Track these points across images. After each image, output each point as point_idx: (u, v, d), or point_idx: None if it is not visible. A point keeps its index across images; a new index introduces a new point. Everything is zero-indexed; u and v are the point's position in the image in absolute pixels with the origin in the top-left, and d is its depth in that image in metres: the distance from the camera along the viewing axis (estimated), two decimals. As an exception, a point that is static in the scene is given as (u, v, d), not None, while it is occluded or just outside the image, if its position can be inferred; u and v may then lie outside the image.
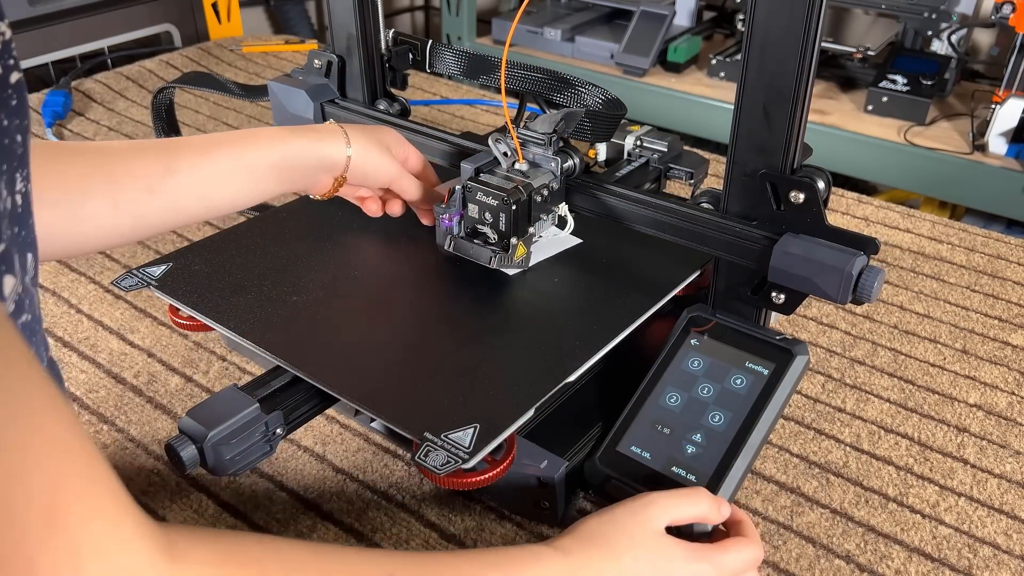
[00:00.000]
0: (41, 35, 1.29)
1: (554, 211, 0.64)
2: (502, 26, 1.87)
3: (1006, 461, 0.62)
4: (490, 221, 0.61)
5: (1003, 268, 0.85)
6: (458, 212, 0.62)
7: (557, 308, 0.60)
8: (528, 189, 0.60)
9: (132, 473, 0.59)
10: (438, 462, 0.46)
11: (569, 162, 0.63)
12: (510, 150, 0.62)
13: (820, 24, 0.49)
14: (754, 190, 0.55)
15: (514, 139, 0.62)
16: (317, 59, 0.79)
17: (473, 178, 0.61)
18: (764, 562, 0.54)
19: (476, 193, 0.61)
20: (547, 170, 0.62)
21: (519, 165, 0.62)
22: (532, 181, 0.61)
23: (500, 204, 0.60)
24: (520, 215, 0.60)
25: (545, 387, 0.52)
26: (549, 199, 0.62)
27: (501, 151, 0.62)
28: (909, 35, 1.58)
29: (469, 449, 0.47)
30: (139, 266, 0.63)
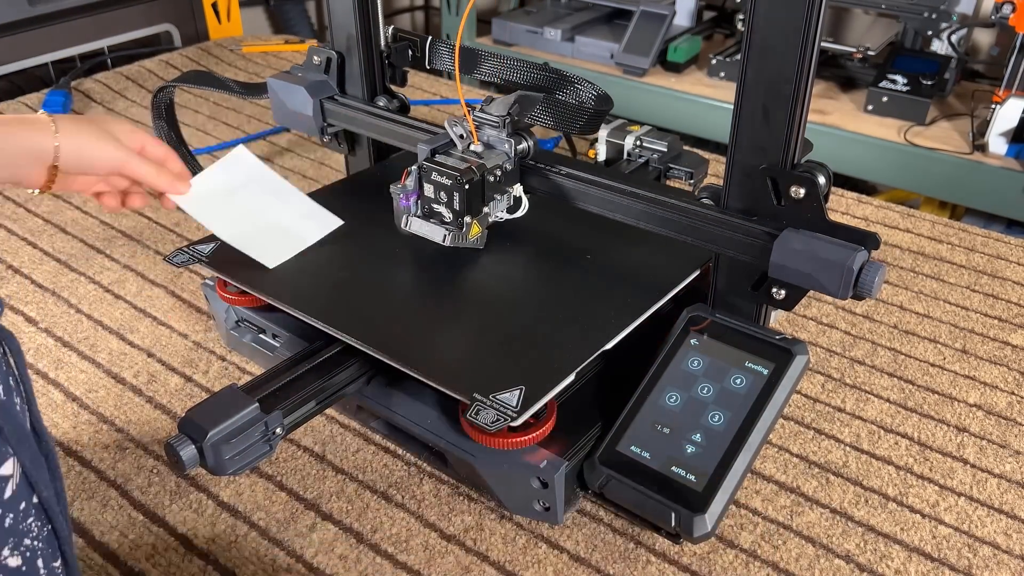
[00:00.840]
0: (41, 35, 1.29)
1: (508, 191, 0.65)
2: (502, 26, 1.87)
3: (1006, 461, 0.62)
4: (445, 200, 0.62)
5: (1003, 268, 0.85)
6: (415, 192, 0.64)
7: (591, 281, 0.63)
8: (481, 169, 0.62)
9: (132, 473, 0.59)
10: (488, 420, 0.50)
11: (523, 144, 0.65)
12: (465, 132, 0.64)
13: (820, 24, 0.49)
14: (754, 186, 0.55)
15: (469, 122, 0.64)
16: (316, 56, 0.79)
17: (429, 159, 0.63)
18: (764, 561, 0.54)
19: (431, 173, 0.62)
20: (501, 152, 0.64)
21: (474, 147, 0.64)
22: (485, 162, 0.62)
23: (454, 184, 0.61)
24: (473, 195, 0.62)
25: (584, 354, 0.55)
26: (503, 180, 0.64)
27: (457, 133, 0.64)
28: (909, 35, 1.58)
29: (516, 408, 0.50)
30: (189, 243, 0.66)
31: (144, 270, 0.82)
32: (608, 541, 0.55)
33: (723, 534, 0.55)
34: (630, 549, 0.54)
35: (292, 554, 0.54)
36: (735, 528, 0.56)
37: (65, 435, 0.63)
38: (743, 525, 0.56)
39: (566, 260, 0.66)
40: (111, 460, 0.60)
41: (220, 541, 0.55)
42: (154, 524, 0.56)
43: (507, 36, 1.87)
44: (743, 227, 0.56)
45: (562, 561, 0.54)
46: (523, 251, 0.67)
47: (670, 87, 1.64)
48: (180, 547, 0.54)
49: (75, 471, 0.59)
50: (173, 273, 0.81)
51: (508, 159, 0.64)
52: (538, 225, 0.69)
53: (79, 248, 0.86)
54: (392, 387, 0.59)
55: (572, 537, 0.55)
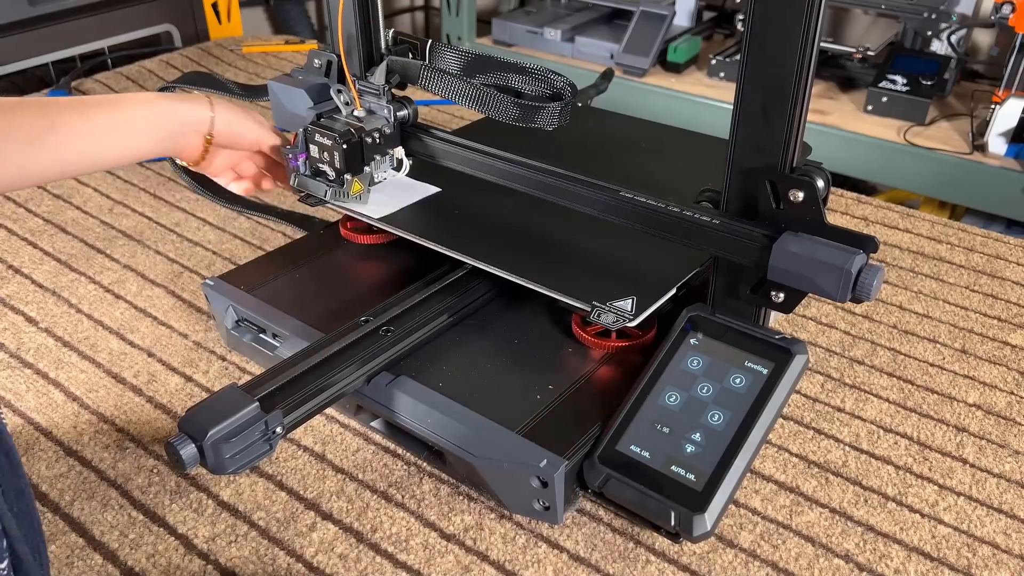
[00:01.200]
0: (41, 35, 1.29)
1: (390, 153, 0.72)
2: (502, 26, 1.87)
3: (1005, 461, 0.62)
4: (328, 160, 0.69)
5: (1002, 268, 0.85)
6: (303, 152, 0.70)
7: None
8: (360, 132, 0.68)
9: (132, 472, 0.59)
10: (609, 320, 0.58)
11: (403, 111, 0.72)
12: (349, 99, 0.71)
13: (820, 24, 0.49)
14: (753, 189, 0.55)
15: (352, 89, 0.71)
16: (317, 59, 0.79)
17: (314, 122, 0.69)
18: (763, 561, 0.54)
19: (315, 135, 0.69)
20: (381, 116, 0.71)
21: (357, 112, 0.71)
22: (365, 125, 0.69)
23: (334, 144, 0.67)
24: (352, 154, 0.68)
25: (682, 271, 0.62)
26: (382, 142, 0.70)
27: (342, 100, 0.70)
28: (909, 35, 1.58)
29: (632, 312, 0.58)
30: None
31: (144, 270, 0.82)
32: (608, 540, 0.55)
33: (723, 533, 0.56)
34: (630, 548, 0.54)
35: (292, 553, 0.54)
36: (735, 527, 0.56)
37: (65, 435, 0.63)
38: (743, 524, 0.56)
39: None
40: (111, 460, 0.61)
41: (220, 541, 0.55)
42: (154, 524, 0.56)
43: (507, 36, 1.87)
44: (742, 230, 0.56)
45: (562, 560, 0.54)
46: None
47: (670, 87, 1.64)
48: (180, 547, 0.54)
49: (75, 471, 0.60)
50: (173, 273, 0.82)
51: (387, 123, 0.71)
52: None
53: (79, 248, 0.86)
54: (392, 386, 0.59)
55: (572, 536, 0.55)
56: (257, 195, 0.97)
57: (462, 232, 0.69)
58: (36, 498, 0.57)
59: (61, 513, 0.56)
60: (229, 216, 0.92)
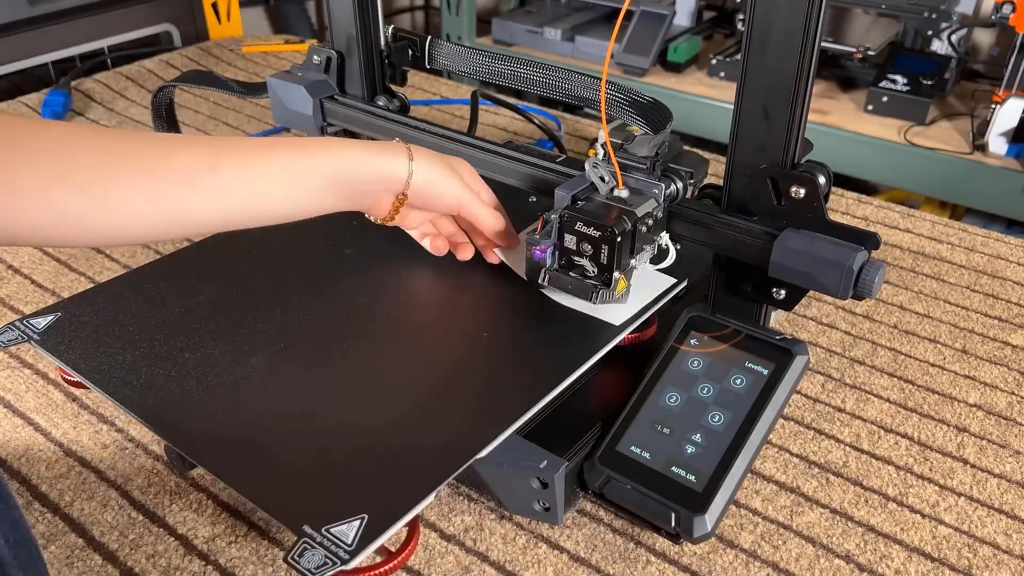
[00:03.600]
0: (41, 35, 1.29)
1: (655, 240, 0.59)
2: (502, 26, 1.87)
3: (1006, 461, 0.62)
4: (589, 253, 0.56)
5: (1003, 268, 0.85)
6: (552, 243, 0.57)
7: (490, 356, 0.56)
8: (632, 219, 0.55)
9: (132, 473, 0.59)
10: (312, 564, 0.40)
11: (672, 187, 0.58)
12: (608, 175, 0.57)
13: (820, 24, 0.49)
14: (754, 186, 0.55)
15: (614, 163, 0.57)
16: (316, 55, 0.79)
17: (571, 206, 0.57)
18: (764, 561, 0.54)
19: (575, 223, 0.55)
20: (649, 197, 0.57)
21: (618, 191, 0.57)
22: (635, 209, 0.55)
23: (603, 235, 0.54)
24: (624, 247, 0.55)
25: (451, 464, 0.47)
26: (653, 228, 0.58)
27: (598, 175, 0.57)
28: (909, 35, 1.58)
29: (351, 547, 0.41)
30: (23, 317, 0.58)
31: (144, 270, 0.82)
32: (608, 541, 0.55)
33: (723, 534, 0.55)
34: (630, 549, 0.54)
35: (292, 554, 0.54)
36: (735, 528, 0.56)
37: (65, 435, 0.63)
38: (743, 525, 0.56)
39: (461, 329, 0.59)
40: (111, 460, 0.60)
41: (220, 541, 0.54)
42: (154, 524, 0.56)
43: (507, 36, 1.87)
44: (743, 227, 0.56)
45: (562, 561, 0.54)
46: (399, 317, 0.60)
47: (670, 87, 1.64)
48: (180, 547, 0.54)
49: (75, 471, 0.59)
50: (173, 273, 0.81)
51: (658, 206, 0.57)
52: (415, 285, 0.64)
53: (79, 248, 0.85)
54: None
55: (572, 537, 0.55)
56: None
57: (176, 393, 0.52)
58: (36, 499, 0.57)
59: (61, 513, 0.56)
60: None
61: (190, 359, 0.55)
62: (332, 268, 0.66)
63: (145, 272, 0.65)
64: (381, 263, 0.66)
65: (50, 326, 0.57)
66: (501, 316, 0.61)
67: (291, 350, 0.57)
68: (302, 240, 0.70)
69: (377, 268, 0.66)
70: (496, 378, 0.54)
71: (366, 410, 0.51)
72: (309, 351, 0.57)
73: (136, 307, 0.60)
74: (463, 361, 0.56)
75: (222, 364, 0.55)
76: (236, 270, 0.65)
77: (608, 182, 0.57)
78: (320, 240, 0.69)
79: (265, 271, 0.65)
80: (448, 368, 0.55)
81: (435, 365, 0.56)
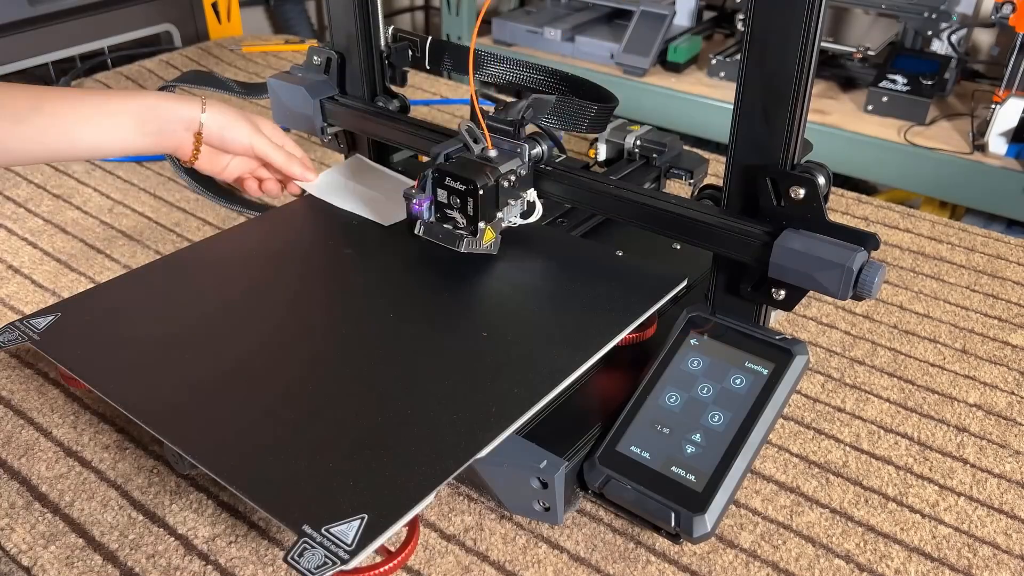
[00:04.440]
0: (41, 35, 1.29)
1: (522, 196, 0.65)
2: (502, 26, 1.87)
3: (1006, 461, 0.62)
4: (458, 206, 0.62)
5: (1003, 268, 0.85)
6: (428, 197, 0.63)
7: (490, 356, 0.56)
8: (495, 174, 0.61)
9: (132, 473, 0.59)
10: (312, 564, 0.40)
11: (537, 149, 0.64)
12: (479, 137, 0.63)
13: (820, 24, 0.49)
14: (754, 186, 0.55)
15: (482, 126, 0.63)
16: (316, 56, 0.79)
17: (442, 164, 0.62)
18: (764, 561, 0.54)
19: (445, 179, 0.61)
20: (515, 157, 0.63)
21: (488, 152, 0.63)
22: (500, 167, 0.62)
23: (468, 189, 0.60)
24: (487, 200, 0.61)
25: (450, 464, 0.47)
26: (516, 185, 0.63)
27: (471, 138, 0.63)
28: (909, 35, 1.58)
29: (351, 546, 0.41)
30: (23, 317, 0.59)
31: (144, 270, 0.82)
32: (608, 541, 0.55)
33: (723, 534, 0.56)
34: (630, 549, 0.54)
35: (292, 554, 0.54)
36: (735, 528, 0.56)
37: (65, 435, 0.63)
38: (743, 525, 0.56)
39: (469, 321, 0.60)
40: (111, 460, 0.60)
41: (220, 541, 0.54)
42: (154, 524, 0.56)
43: (507, 36, 1.87)
44: (742, 227, 0.56)
45: (562, 561, 0.54)
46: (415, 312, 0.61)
47: (670, 87, 1.64)
48: (180, 547, 0.54)
49: (75, 471, 0.59)
50: (173, 273, 0.81)
51: (522, 164, 0.63)
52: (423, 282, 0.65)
53: (79, 248, 0.85)
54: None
55: (572, 537, 0.55)
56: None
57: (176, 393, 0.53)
58: (36, 499, 0.57)
59: (61, 514, 0.56)
60: (229, 216, 0.92)
61: (190, 359, 0.55)
62: (331, 268, 0.66)
63: (145, 272, 0.65)
64: (379, 263, 0.66)
65: (50, 326, 0.57)
66: (500, 316, 0.61)
67: (291, 350, 0.57)
68: (302, 240, 0.70)
69: (376, 269, 0.66)
70: (496, 378, 0.54)
71: (366, 410, 0.51)
72: (308, 351, 0.57)
73: (136, 307, 0.60)
74: (463, 361, 0.56)
75: (222, 364, 0.55)
76: (236, 270, 0.65)
77: (479, 143, 0.63)
78: (320, 240, 0.70)
79: (265, 271, 0.65)
80: (448, 368, 0.55)
81: (434, 365, 0.56)
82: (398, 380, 0.54)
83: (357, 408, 0.51)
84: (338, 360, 0.56)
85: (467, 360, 0.56)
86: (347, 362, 0.56)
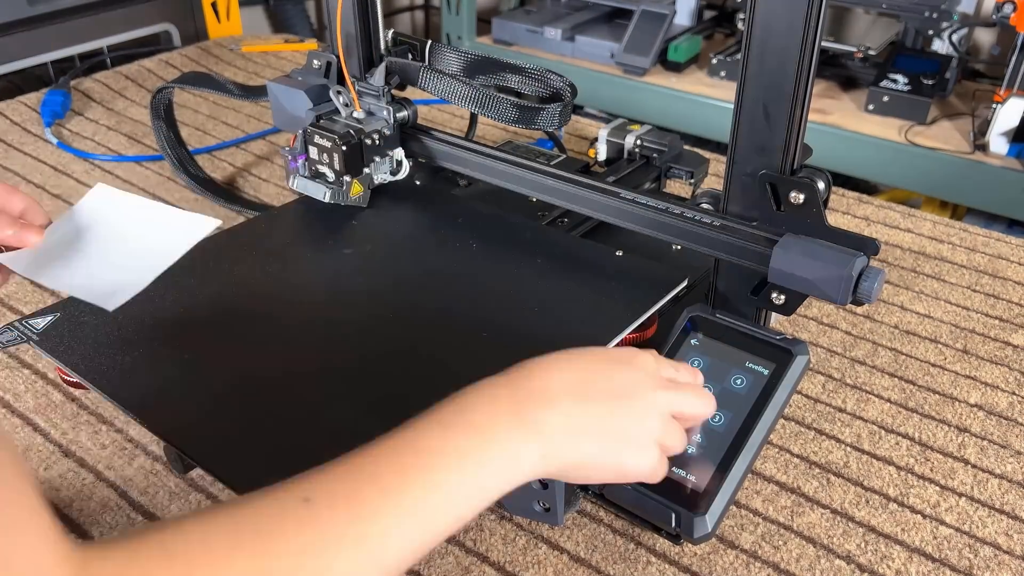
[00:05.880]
0: (40, 35, 1.29)
1: (389, 155, 0.72)
2: (502, 26, 1.87)
3: (1007, 461, 0.61)
4: (327, 162, 0.69)
5: (1004, 268, 0.84)
6: (302, 154, 0.70)
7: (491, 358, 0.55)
8: (360, 133, 0.69)
9: (132, 473, 0.59)
10: None
11: (403, 113, 0.72)
12: (348, 100, 0.70)
13: (820, 23, 0.49)
14: (754, 191, 0.54)
15: (351, 90, 0.70)
16: (316, 59, 0.79)
17: (314, 123, 0.69)
18: (764, 562, 0.53)
19: (315, 137, 0.69)
20: (380, 118, 0.71)
21: (356, 114, 0.71)
22: (364, 127, 0.69)
23: (333, 145, 0.67)
24: (352, 156, 0.68)
25: None
26: (382, 143, 0.70)
27: (341, 102, 0.70)
28: (910, 34, 1.58)
29: None
30: (23, 317, 0.58)
31: (143, 270, 0.82)
32: (608, 542, 0.55)
33: (724, 535, 0.55)
34: (630, 550, 0.54)
35: (291, 555, 0.54)
36: (736, 529, 0.56)
37: (64, 436, 0.62)
38: (744, 526, 0.56)
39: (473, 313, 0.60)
40: (110, 460, 0.60)
41: (219, 542, 0.54)
42: (153, 525, 0.55)
43: (507, 36, 1.87)
44: (743, 232, 0.56)
45: (562, 562, 0.53)
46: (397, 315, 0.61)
47: (670, 87, 1.64)
48: (179, 548, 0.54)
49: (74, 472, 0.59)
50: (173, 273, 0.81)
51: (387, 125, 0.71)
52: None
53: None
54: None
55: (572, 538, 0.55)
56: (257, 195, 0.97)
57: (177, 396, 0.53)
58: (35, 499, 0.57)
59: (60, 514, 0.56)
60: (229, 216, 0.91)
61: (190, 359, 0.55)
62: (330, 267, 0.65)
63: None
64: (378, 262, 0.66)
65: (49, 326, 0.57)
66: (500, 317, 0.61)
67: (291, 348, 0.57)
68: (301, 240, 0.70)
69: (374, 268, 0.66)
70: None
71: (369, 408, 0.51)
72: (309, 349, 0.57)
73: (135, 308, 0.60)
74: (465, 362, 0.56)
75: (222, 364, 0.55)
76: (235, 270, 0.65)
77: (349, 107, 0.71)
78: (320, 240, 0.69)
79: (264, 271, 0.65)
80: (447, 368, 0.55)
81: (433, 363, 0.56)
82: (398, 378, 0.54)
83: (361, 406, 0.52)
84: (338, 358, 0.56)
85: (467, 362, 0.56)
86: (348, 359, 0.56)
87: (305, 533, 0.35)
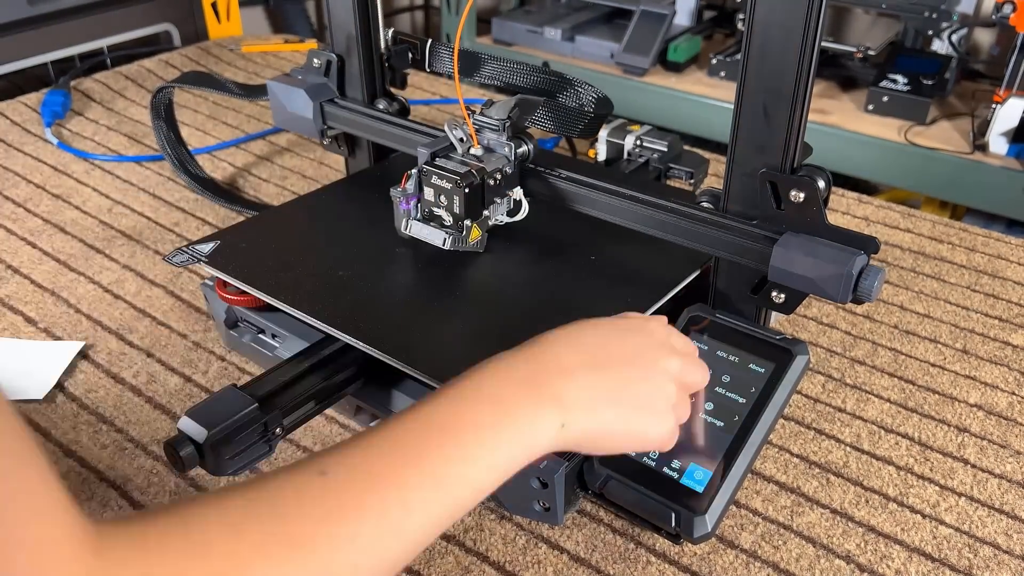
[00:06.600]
0: (41, 35, 1.29)
1: (508, 195, 0.65)
2: (502, 26, 1.87)
3: (1006, 461, 0.61)
4: (445, 204, 0.63)
5: (1004, 268, 0.84)
6: (415, 195, 0.64)
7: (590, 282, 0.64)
8: (481, 173, 0.62)
9: (132, 473, 0.59)
10: None
11: (523, 148, 0.65)
12: (465, 135, 0.64)
13: (820, 23, 0.49)
14: (754, 189, 0.55)
15: (469, 125, 0.64)
16: (316, 58, 0.79)
17: (429, 162, 0.63)
18: (764, 562, 0.53)
19: (431, 177, 0.62)
20: (501, 155, 0.64)
21: (474, 150, 0.64)
22: (486, 165, 0.63)
23: (454, 187, 0.61)
24: (473, 198, 0.62)
25: None
26: (503, 183, 0.64)
27: (457, 136, 0.64)
28: (910, 34, 1.58)
29: None
30: (188, 243, 0.66)
31: (144, 270, 0.82)
32: (608, 542, 0.55)
33: (723, 534, 0.55)
34: (630, 550, 0.54)
35: (292, 555, 0.54)
36: (735, 528, 0.56)
37: (65, 435, 0.62)
38: (743, 525, 0.56)
39: (565, 260, 0.66)
40: (111, 460, 0.60)
41: (220, 542, 0.54)
42: (153, 525, 0.55)
43: (507, 36, 1.87)
44: (742, 231, 0.56)
45: (562, 562, 0.54)
46: (522, 252, 0.67)
47: (670, 87, 1.64)
48: (179, 548, 0.54)
49: (75, 471, 0.59)
50: (173, 273, 0.81)
51: (508, 163, 0.64)
52: (539, 226, 0.68)
53: (79, 248, 0.85)
54: (392, 387, 0.59)
55: (572, 538, 0.55)
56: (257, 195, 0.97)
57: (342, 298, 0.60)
58: (35, 499, 0.57)
59: (60, 514, 0.56)
60: (229, 216, 0.92)
61: (344, 276, 0.63)
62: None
63: (286, 210, 0.74)
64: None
65: (213, 250, 0.65)
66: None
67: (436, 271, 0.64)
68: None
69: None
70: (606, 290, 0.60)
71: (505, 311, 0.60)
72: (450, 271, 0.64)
73: (285, 237, 0.69)
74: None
75: (374, 279, 0.63)
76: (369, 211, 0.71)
77: (465, 142, 0.64)
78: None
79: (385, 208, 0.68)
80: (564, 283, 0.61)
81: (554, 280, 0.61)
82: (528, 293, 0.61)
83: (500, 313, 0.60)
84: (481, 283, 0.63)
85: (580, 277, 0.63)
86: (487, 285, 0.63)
87: (326, 502, 0.35)
